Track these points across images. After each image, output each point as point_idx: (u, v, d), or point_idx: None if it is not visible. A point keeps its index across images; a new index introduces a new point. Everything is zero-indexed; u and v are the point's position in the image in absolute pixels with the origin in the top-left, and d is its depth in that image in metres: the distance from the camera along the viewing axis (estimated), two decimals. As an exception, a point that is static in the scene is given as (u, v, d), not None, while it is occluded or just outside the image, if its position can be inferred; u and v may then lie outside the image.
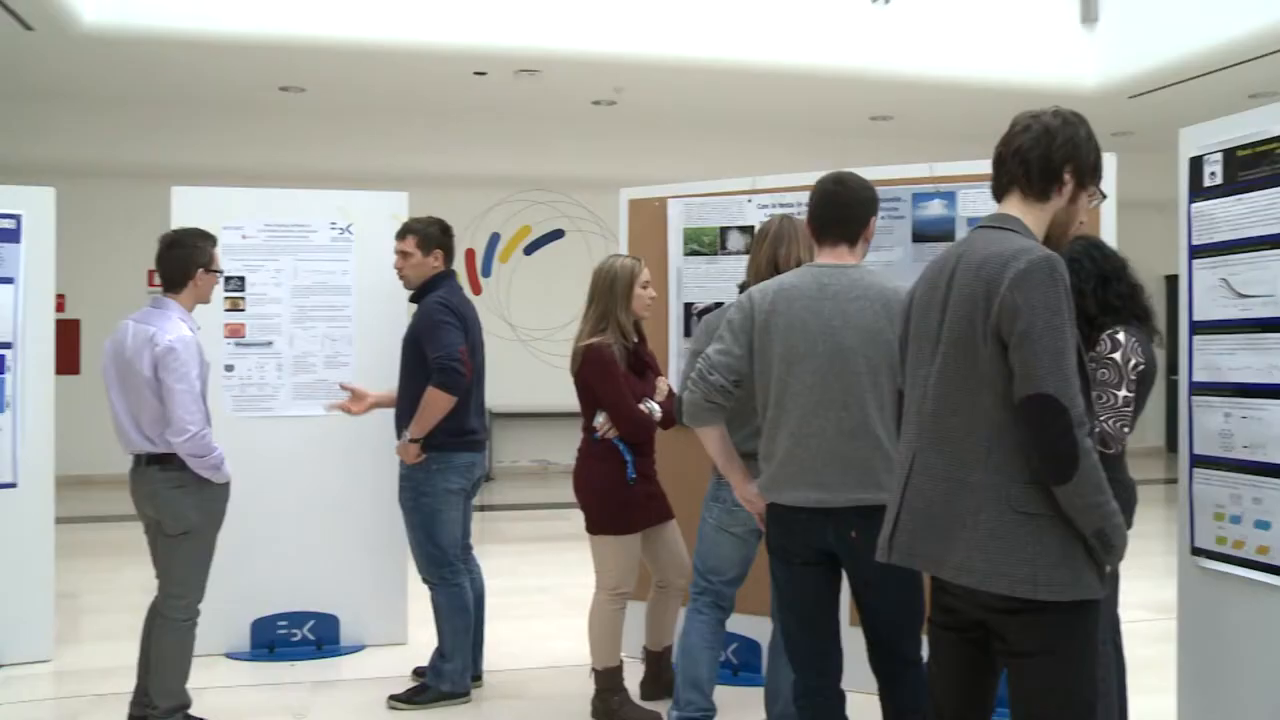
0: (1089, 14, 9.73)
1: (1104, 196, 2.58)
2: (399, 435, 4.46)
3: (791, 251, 3.65)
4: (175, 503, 3.93)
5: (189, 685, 4.09)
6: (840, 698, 3.16)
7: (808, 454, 3.02)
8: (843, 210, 3.14)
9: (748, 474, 3.29)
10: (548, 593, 6.65)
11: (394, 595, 5.36)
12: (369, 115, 11.03)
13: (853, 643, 3.23)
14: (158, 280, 4.11)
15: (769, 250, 3.71)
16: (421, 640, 5.01)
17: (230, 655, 5.17)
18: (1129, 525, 2.91)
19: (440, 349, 4.29)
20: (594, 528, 4.22)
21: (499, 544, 8.50)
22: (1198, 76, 9.20)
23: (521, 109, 10.98)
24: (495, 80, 9.82)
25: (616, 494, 4.15)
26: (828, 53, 9.32)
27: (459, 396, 4.31)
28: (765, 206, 4.75)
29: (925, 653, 2.99)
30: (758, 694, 3.92)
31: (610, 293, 4.20)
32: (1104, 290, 3.31)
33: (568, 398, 4.44)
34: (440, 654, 4.53)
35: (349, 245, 5.35)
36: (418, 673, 4.79)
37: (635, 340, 4.26)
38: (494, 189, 11.97)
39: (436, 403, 4.29)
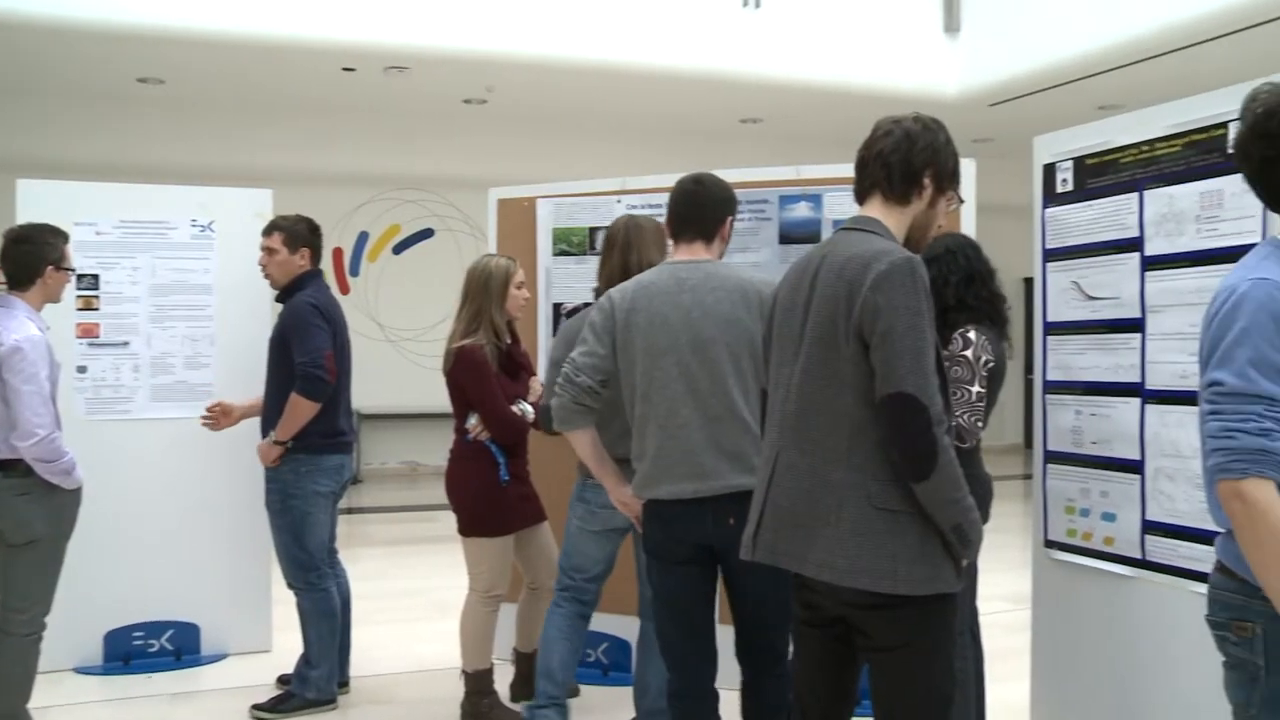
0: (951, 24, 10.01)
1: (961, 201, 2.66)
2: (264, 436, 4.35)
3: (643, 256, 3.65)
4: (20, 510, 3.76)
5: (30, 705, 3.92)
6: (714, 697, 3.18)
7: (679, 445, 3.04)
8: (700, 209, 3.18)
9: (621, 476, 3.29)
10: (417, 596, 6.57)
11: (258, 601, 5.22)
12: (232, 110, 10.73)
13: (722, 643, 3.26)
14: (2, 278, 3.94)
15: (619, 258, 3.71)
16: (286, 647, 4.89)
17: (80, 670, 4.95)
18: (985, 519, 2.99)
19: (306, 354, 4.20)
20: (466, 530, 4.18)
21: (368, 547, 8.36)
22: (1053, 87, 9.55)
23: (391, 106, 10.82)
24: (364, 77, 9.65)
25: (489, 496, 4.12)
26: (699, 55, 9.40)
27: (322, 402, 4.23)
28: (635, 207, 4.75)
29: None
30: (629, 693, 3.93)
31: (484, 292, 4.16)
32: (966, 288, 3.40)
33: (437, 398, 4.39)
34: (306, 660, 4.44)
35: (210, 243, 5.19)
36: (282, 680, 4.68)
37: (509, 341, 4.22)
38: (363, 187, 11.77)
39: (300, 409, 4.21)
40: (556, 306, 4.84)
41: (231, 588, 5.17)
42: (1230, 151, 2.13)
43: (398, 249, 12.11)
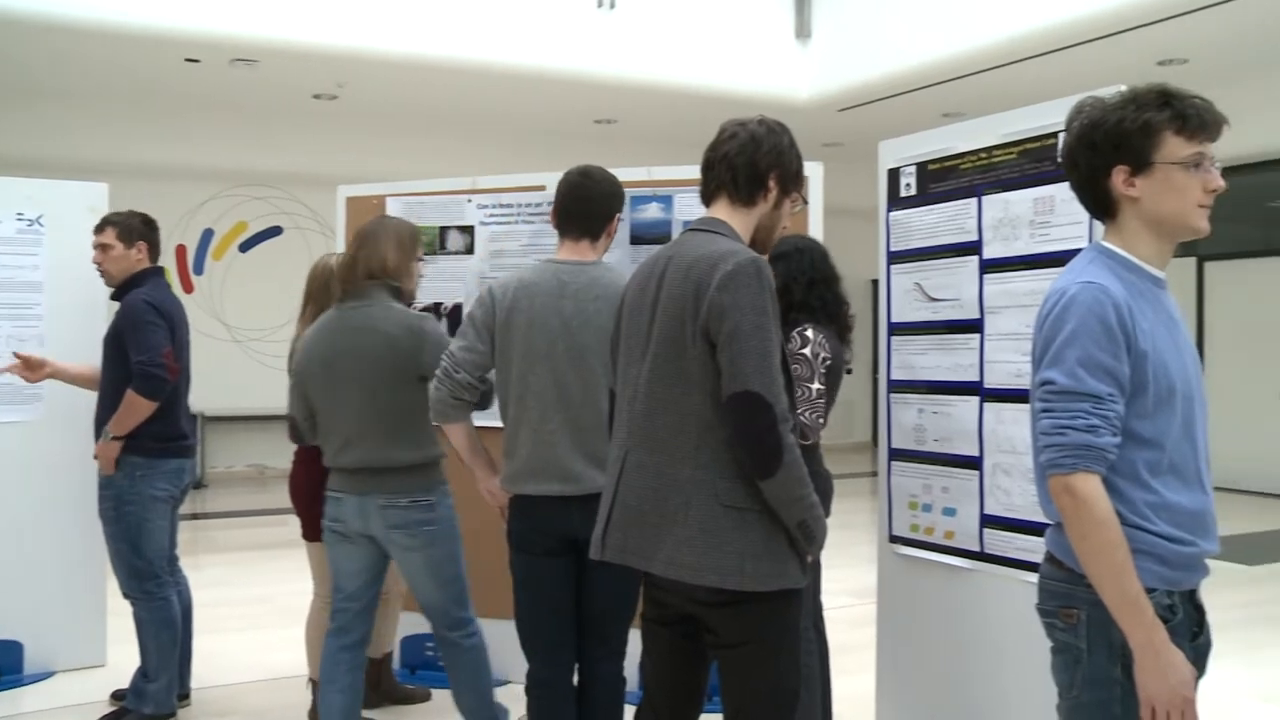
0: (803, 30, 10.21)
1: (805, 203, 2.70)
2: (98, 437, 4.16)
3: (374, 253, 3.52)
4: None
5: None
6: (573, 689, 3.20)
7: (549, 451, 3.07)
8: (586, 204, 3.16)
9: (492, 467, 3.29)
10: (264, 602, 6.38)
11: (90, 614, 4.98)
12: (65, 99, 10.26)
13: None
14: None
15: (349, 253, 3.62)
16: (122, 661, 4.69)
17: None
18: (826, 515, 3.05)
19: (143, 352, 4.04)
20: (310, 534, 4.08)
21: (213, 553, 8.10)
22: (900, 94, 9.83)
23: (238, 100, 10.50)
24: (209, 68, 9.33)
25: None
26: (553, 55, 9.38)
27: (160, 401, 4.07)
28: (485, 206, 4.73)
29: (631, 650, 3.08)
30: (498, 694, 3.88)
31: (326, 292, 4.06)
32: (810, 289, 3.46)
33: (285, 399, 4.26)
34: (143, 674, 4.25)
35: (39, 238, 4.94)
36: (116, 696, 4.48)
37: None
38: (207, 183, 11.39)
39: (136, 407, 4.04)
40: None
41: (61, 600, 4.91)
42: (1059, 160, 2.21)
43: (244, 247, 11.76)
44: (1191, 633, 2.06)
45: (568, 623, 3.17)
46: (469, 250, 4.75)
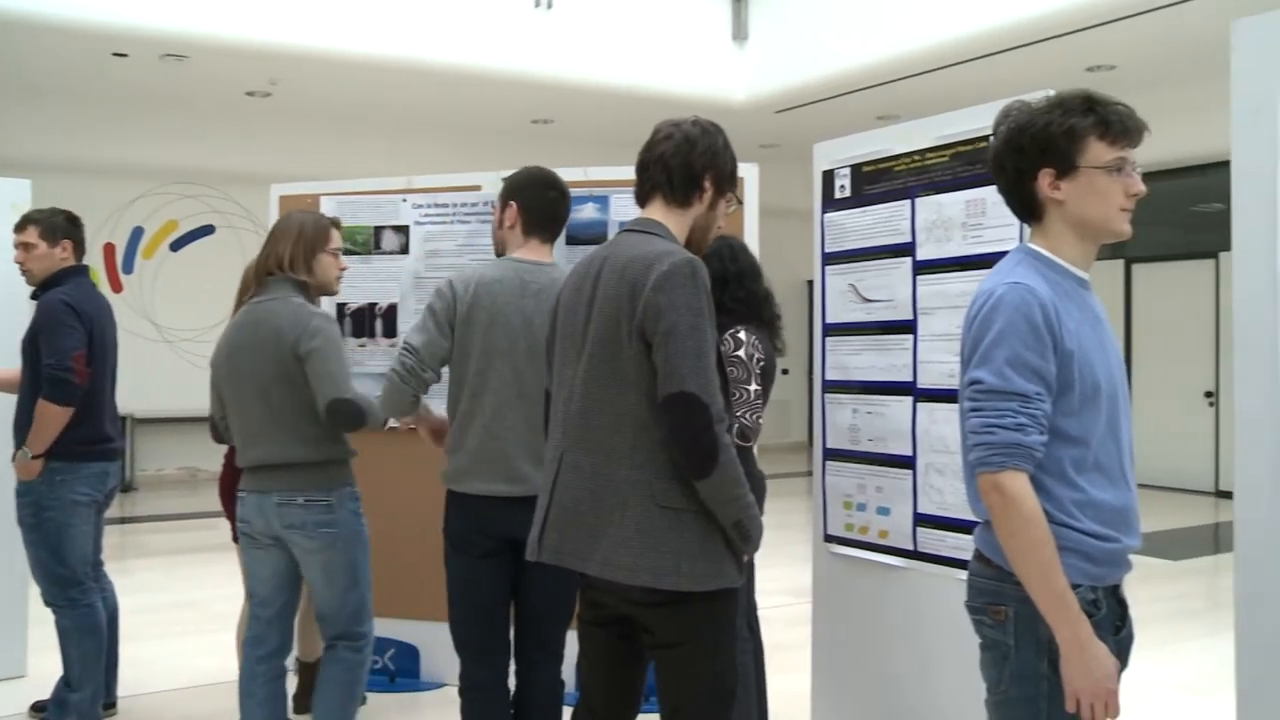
0: (740, 32, 10.26)
1: (739, 203, 2.70)
2: (17, 446, 4.05)
3: (274, 248, 3.47)
4: None
5: None
6: (507, 691, 3.19)
7: (499, 448, 3.06)
8: (562, 210, 3.26)
9: (429, 410, 3.31)
10: (195, 608, 6.28)
11: (10, 624, 4.85)
12: (-14, 92, 10.03)
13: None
14: None
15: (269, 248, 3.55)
16: (44, 671, 4.56)
17: None
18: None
19: (52, 355, 3.93)
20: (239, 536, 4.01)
21: (142, 558, 7.96)
22: (836, 96, 9.91)
23: (168, 96, 10.32)
24: (138, 63, 9.16)
25: None
26: (490, 54, 9.33)
27: (73, 406, 3.96)
28: (420, 206, 4.69)
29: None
30: (416, 700, 3.85)
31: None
32: (722, 292, 3.43)
33: (213, 400, 4.19)
34: (66, 683, 4.15)
35: (-42, 235, 4.81)
36: (37, 708, 4.37)
37: None
38: (137, 180, 11.18)
39: (48, 415, 3.92)
40: (341, 306, 4.70)
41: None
42: (988, 163, 2.23)
43: (175, 246, 11.56)
44: (1115, 626, 2.10)
45: (504, 625, 3.16)
46: (404, 250, 4.71)
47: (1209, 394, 10.83)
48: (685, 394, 2.27)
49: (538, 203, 3.21)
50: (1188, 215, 11.16)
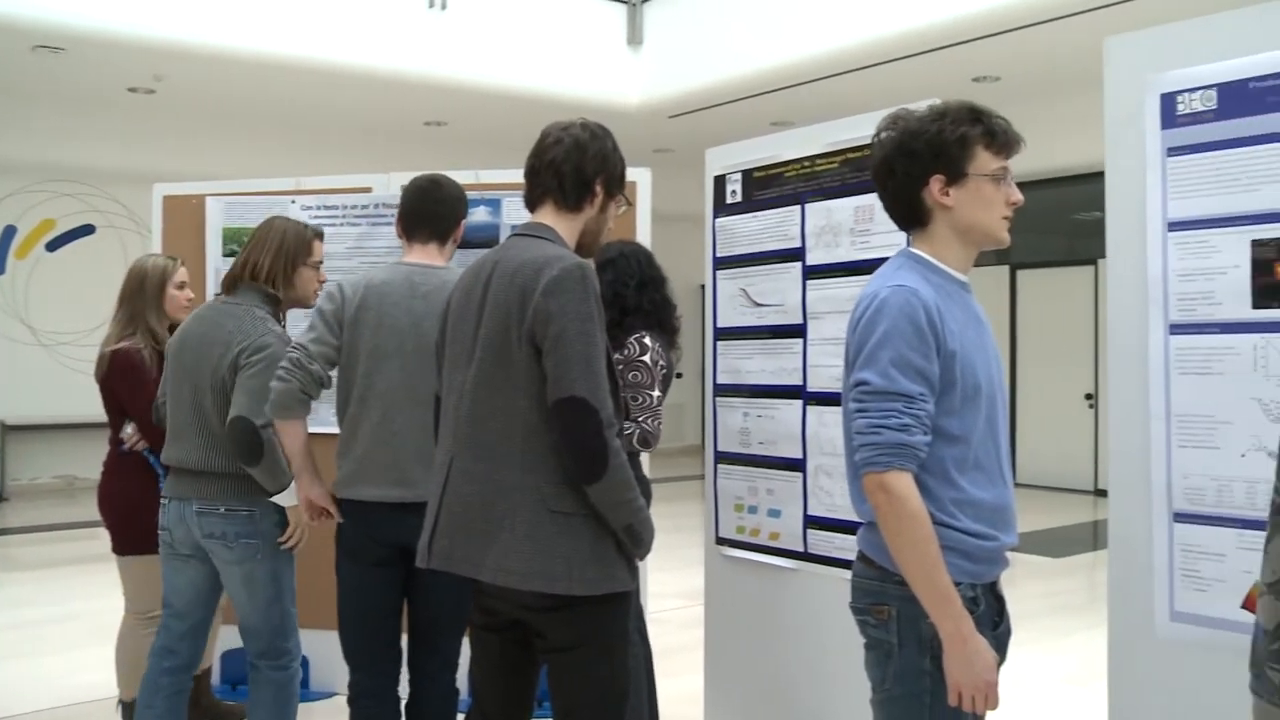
0: (634, 37, 10.29)
1: (629, 204, 2.72)
2: None
3: (249, 256, 3.42)
4: None
5: None
6: (398, 700, 3.15)
7: (389, 452, 3.02)
8: (437, 206, 3.18)
9: (318, 475, 3.19)
10: (74, 621, 6.07)
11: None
12: None
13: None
14: None
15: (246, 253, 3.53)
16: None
17: None
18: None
19: None
20: (121, 547, 3.90)
21: (16, 571, 7.69)
22: (730, 102, 10.00)
23: (43, 89, 9.94)
24: (8, 55, 8.78)
25: (145, 510, 3.83)
26: (383, 54, 9.21)
27: None
28: (310, 208, 4.61)
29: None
30: (307, 709, 3.78)
31: (141, 294, 3.91)
32: (640, 293, 3.47)
33: (96, 407, 4.07)
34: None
35: None
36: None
37: None
38: (9, 176, 10.75)
39: None
40: (227, 309, 4.59)
41: None
42: (872, 168, 2.27)
43: (52, 245, 11.16)
44: (993, 622, 2.16)
45: (395, 633, 3.12)
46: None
47: (1089, 396, 11.18)
48: (575, 399, 2.27)
49: (413, 202, 3.20)
50: (1069, 223, 11.51)
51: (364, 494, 3.05)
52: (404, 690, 3.20)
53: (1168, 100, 2.58)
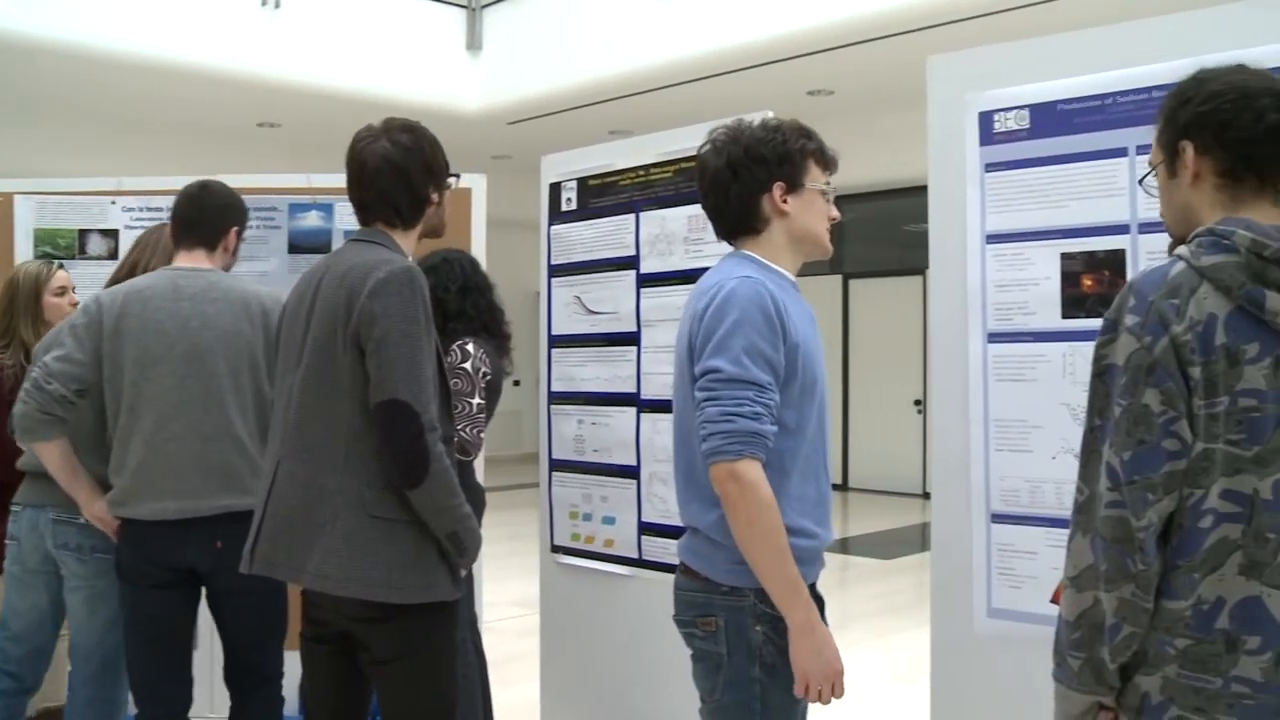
0: (474, 41, 10.20)
1: (457, 176, 2.66)
2: None
3: (147, 259, 3.40)
4: None
5: None
6: None
7: (165, 461, 2.87)
8: (203, 213, 3.07)
9: (96, 490, 3.03)
10: None
11: None
12: None
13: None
14: None
15: (131, 257, 3.45)
16: None
17: None
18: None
19: None
20: None
21: None
22: (569, 109, 10.00)
23: None
24: None
25: None
26: (212, 51, 8.88)
27: None
28: (132, 209, 4.42)
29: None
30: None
31: (11, 306, 3.63)
32: (463, 298, 3.43)
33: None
34: None
35: None
36: None
37: None
38: None
39: None
40: (38, 313, 4.36)
41: None
42: (709, 174, 2.27)
43: None
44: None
45: (183, 659, 2.99)
46: (112, 255, 4.41)
47: (918, 402, 11.57)
48: (396, 402, 2.24)
49: (180, 208, 3.10)
50: (900, 234, 11.89)
51: (139, 512, 2.89)
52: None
53: (985, 118, 2.69)
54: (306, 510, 2.34)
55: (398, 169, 2.44)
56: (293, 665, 2.80)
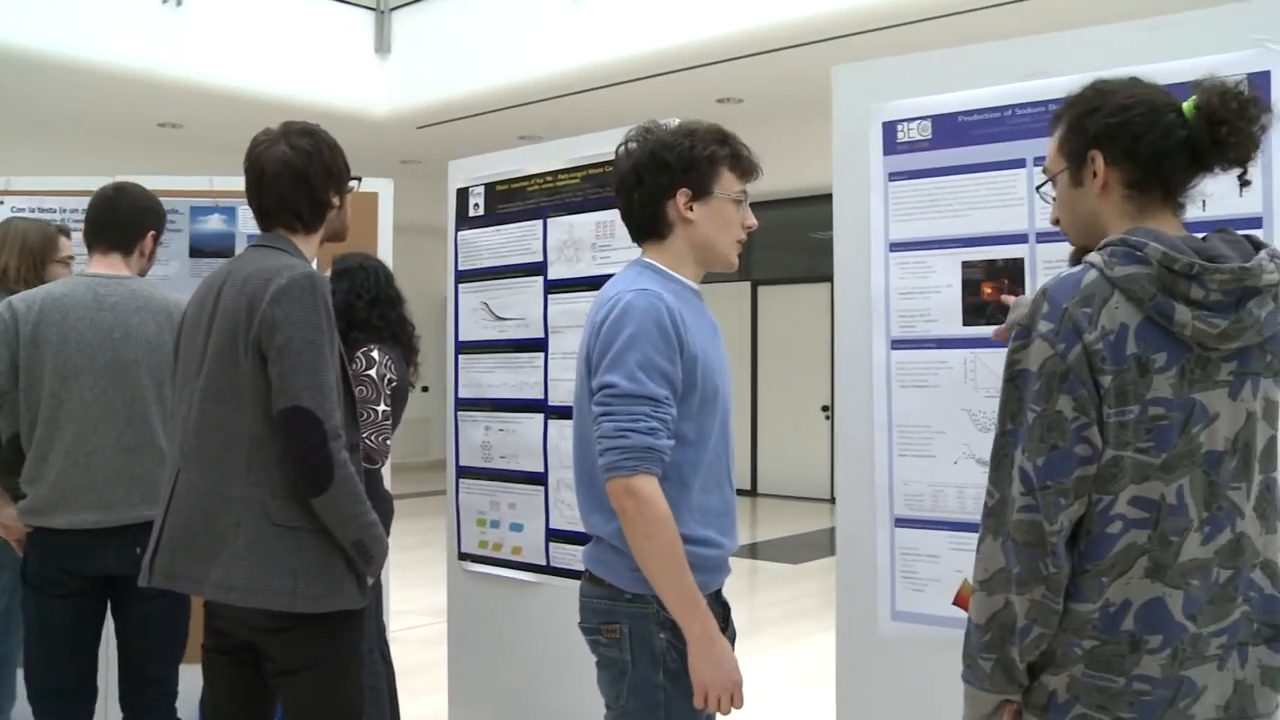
0: (382, 45, 10.09)
1: (359, 179, 2.63)
2: None
3: (10, 263, 3.28)
4: None
5: None
6: None
7: (87, 473, 2.83)
8: (118, 216, 3.00)
9: (5, 497, 2.96)
10: None
11: None
12: None
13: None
14: None
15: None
16: None
17: None
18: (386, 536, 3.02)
19: None
20: None
21: None
22: (479, 114, 9.94)
23: None
24: None
25: None
26: (112, 49, 8.66)
27: None
28: (21, 210, 4.28)
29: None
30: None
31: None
32: (372, 309, 3.39)
33: None
34: None
35: None
36: None
37: None
38: None
39: None
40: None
41: None
42: (617, 178, 2.27)
43: None
44: (719, 629, 2.20)
45: (88, 669, 2.93)
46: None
47: (825, 408, 11.70)
48: (299, 409, 2.21)
49: (94, 211, 3.02)
50: (808, 241, 12.02)
51: (57, 522, 2.84)
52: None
53: (889, 128, 2.73)
54: (208, 520, 2.29)
55: (297, 173, 2.40)
56: (194, 680, 2.74)
